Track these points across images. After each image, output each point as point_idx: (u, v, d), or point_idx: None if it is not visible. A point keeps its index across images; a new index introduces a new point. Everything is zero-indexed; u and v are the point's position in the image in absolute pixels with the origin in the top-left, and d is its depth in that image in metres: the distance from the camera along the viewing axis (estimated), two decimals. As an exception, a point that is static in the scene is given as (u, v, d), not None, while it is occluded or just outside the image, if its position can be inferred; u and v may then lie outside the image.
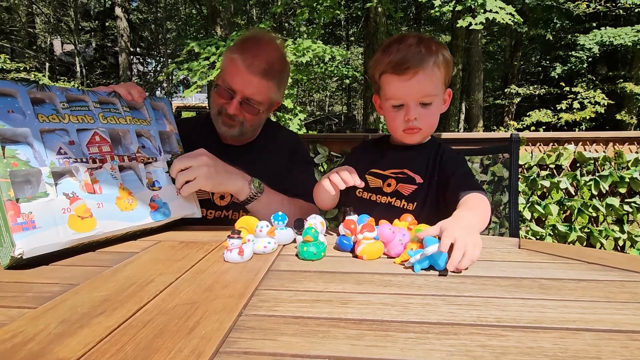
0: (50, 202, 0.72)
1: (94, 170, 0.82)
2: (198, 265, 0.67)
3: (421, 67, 0.97)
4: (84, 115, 0.84)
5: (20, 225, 0.67)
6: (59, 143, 0.78)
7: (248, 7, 14.56)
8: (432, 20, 15.93)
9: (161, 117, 1.04)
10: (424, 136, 1.07)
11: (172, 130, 1.05)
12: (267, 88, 1.15)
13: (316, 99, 19.19)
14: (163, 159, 0.97)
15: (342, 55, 5.62)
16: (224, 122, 1.16)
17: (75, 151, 0.80)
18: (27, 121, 0.74)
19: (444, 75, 1.01)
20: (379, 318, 0.47)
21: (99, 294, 0.54)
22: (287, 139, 1.36)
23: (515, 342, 0.41)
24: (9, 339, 0.42)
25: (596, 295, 0.53)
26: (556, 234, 2.46)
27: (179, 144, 1.05)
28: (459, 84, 9.58)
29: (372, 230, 0.70)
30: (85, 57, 15.48)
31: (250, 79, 1.11)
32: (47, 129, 0.77)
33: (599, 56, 10.45)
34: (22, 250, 0.66)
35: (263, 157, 1.27)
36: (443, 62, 0.99)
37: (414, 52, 0.97)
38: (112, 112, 0.90)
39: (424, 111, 1.00)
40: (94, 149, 0.83)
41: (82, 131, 0.83)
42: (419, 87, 0.98)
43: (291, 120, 5.26)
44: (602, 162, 2.40)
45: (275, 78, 1.16)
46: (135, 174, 0.91)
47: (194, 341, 0.41)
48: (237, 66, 1.11)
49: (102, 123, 0.87)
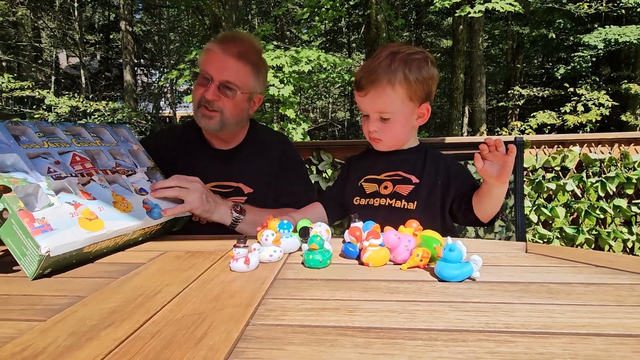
0: (57, 209, 0.75)
1: (84, 184, 0.86)
2: (204, 275, 0.67)
3: (372, 87, 1.02)
4: (59, 142, 0.90)
5: (39, 229, 0.69)
6: (46, 164, 0.83)
7: (250, 16, 14.71)
8: (432, 25, 16.01)
9: (125, 140, 1.09)
10: (389, 146, 1.11)
11: (138, 149, 1.10)
12: (245, 72, 1.17)
13: (319, 106, 19.26)
14: (141, 170, 1.03)
15: (341, 63, 5.66)
16: (204, 114, 1.17)
17: (64, 169, 0.84)
18: (13, 148, 0.78)
19: (406, 93, 1.02)
20: (386, 326, 0.47)
21: (107, 305, 0.55)
22: (275, 141, 1.35)
23: (524, 348, 0.41)
24: (19, 352, 0.43)
25: (605, 299, 0.53)
26: (564, 236, 2.44)
27: (149, 158, 1.10)
28: (461, 88, 9.57)
29: (378, 237, 0.70)
30: (90, 70, 15.68)
31: (225, 60, 1.14)
32: (33, 154, 0.81)
33: (603, 56, 10.41)
34: (48, 248, 0.67)
35: (251, 161, 1.28)
36: (403, 80, 1.01)
37: (373, 69, 1.02)
38: (82, 139, 0.97)
39: (383, 125, 1.06)
40: (78, 167, 0.88)
41: (62, 154, 0.88)
42: (372, 103, 1.04)
43: (295, 129, 5.28)
44: (608, 163, 2.39)
45: (251, 64, 1.18)
46: (121, 185, 0.96)
47: (202, 352, 0.41)
48: (212, 53, 1.16)
49: (77, 146, 0.93)
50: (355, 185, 1.16)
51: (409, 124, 1.07)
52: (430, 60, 1.05)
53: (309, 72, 5.37)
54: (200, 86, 1.17)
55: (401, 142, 1.11)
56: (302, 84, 5.72)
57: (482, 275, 0.63)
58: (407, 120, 1.06)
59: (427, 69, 1.03)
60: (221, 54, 1.15)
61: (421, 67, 1.02)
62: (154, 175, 1.08)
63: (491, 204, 1.00)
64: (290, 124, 5.34)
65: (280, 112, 5.21)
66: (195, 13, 10.43)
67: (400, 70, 1.00)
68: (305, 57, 5.03)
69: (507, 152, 0.88)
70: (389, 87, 1.00)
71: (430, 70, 1.04)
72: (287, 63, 4.84)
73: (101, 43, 17.08)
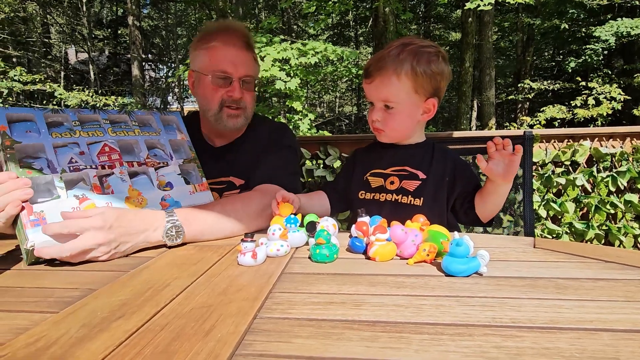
0: (60, 203, 0.79)
1: (104, 176, 0.88)
2: (212, 269, 0.68)
3: (379, 74, 1.03)
4: (95, 131, 0.93)
5: (33, 222, 0.74)
6: (70, 154, 0.86)
7: (257, 10, 14.67)
8: (441, 18, 15.81)
9: (172, 128, 1.08)
10: (390, 138, 1.11)
11: (183, 139, 1.09)
12: (252, 60, 1.16)
13: (326, 100, 19.20)
14: (175, 162, 1.02)
15: (349, 55, 5.62)
16: (230, 114, 1.14)
17: (85, 160, 0.87)
18: (42, 138, 0.83)
19: (411, 84, 1.01)
20: (392, 320, 0.47)
21: (117, 298, 0.56)
22: (266, 127, 1.28)
23: (531, 343, 0.41)
24: (33, 342, 0.44)
25: (614, 295, 0.53)
26: (573, 231, 2.42)
27: (191, 149, 1.08)
28: (470, 81, 9.46)
29: (385, 231, 0.70)
30: (98, 65, 15.79)
31: (238, 55, 1.12)
32: (60, 144, 0.85)
33: (615, 49, 10.21)
34: (33, 243, 0.72)
35: (242, 153, 1.23)
36: (410, 71, 1.00)
37: (381, 57, 1.03)
38: (121, 128, 0.97)
39: (386, 114, 1.05)
40: (104, 158, 0.90)
41: (93, 144, 0.91)
42: (377, 91, 1.04)
43: (301, 120, 5.27)
44: (620, 157, 2.35)
45: (252, 50, 1.17)
46: (147, 177, 0.96)
47: (210, 344, 0.42)
48: (220, 49, 1.11)
49: (111, 136, 0.94)
50: (361, 178, 1.15)
51: (413, 117, 1.06)
52: (442, 56, 1.03)
53: (315, 65, 5.35)
54: (219, 87, 1.12)
55: (404, 134, 1.10)
56: (308, 78, 5.70)
57: (489, 270, 0.63)
58: (411, 112, 1.05)
59: (437, 64, 1.01)
60: (232, 49, 1.11)
61: (431, 61, 1.00)
62: (189, 167, 1.04)
63: (494, 203, 1.00)
64: (297, 116, 5.33)
65: (287, 104, 5.20)
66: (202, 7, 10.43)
67: (408, 61, 0.99)
68: (312, 49, 5.00)
69: (514, 151, 0.88)
70: (394, 76, 1.00)
71: (440, 66, 1.02)
72: (293, 55, 4.81)
73: (109, 38, 17.19)
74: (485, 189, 1.00)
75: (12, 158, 0.77)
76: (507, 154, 0.89)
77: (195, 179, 1.03)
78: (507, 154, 0.89)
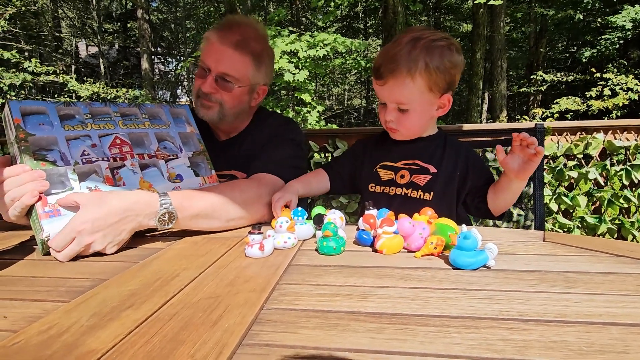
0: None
1: (115, 168, 0.89)
2: (220, 260, 0.69)
3: (392, 77, 0.98)
4: (106, 124, 0.94)
5: (48, 213, 0.75)
6: (82, 147, 0.87)
7: (265, 2, 14.59)
8: (452, 9, 15.56)
9: (182, 121, 1.09)
10: (405, 136, 1.09)
11: (192, 131, 1.09)
12: (242, 63, 1.11)
13: (335, 93, 19.11)
14: (184, 155, 1.03)
15: (358, 47, 5.56)
16: (202, 104, 1.14)
17: (97, 152, 0.88)
18: (55, 130, 0.85)
19: (426, 83, 0.97)
20: (398, 312, 0.47)
21: (127, 288, 0.57)
22: (274, 122, 1.27)
23: (538, 336, 0.41)
24: (46, 330, 0.45)
25: (624, 289, 0.52)
26: (585, 226, 2.38)
27: (200, 142, 1.09)
28: (481, 73, 9.32)
29: (392, 224, 0.70)
30: (108, 59, 15.92)
31: (222, 51, 1.09)
32: (72, 136, 0.87)
33: (632, 38, 9.94)
34: (49, 234, 0.73)
35: (245, 146, 1.23)
36: (424, 70, 0.95)
37: (392, 57, 0.97)
38: (132, 120, 0.98)
39: (400, 115, 1.02)
40: (115, 150, 0.91)
41: (105, 136, 0.92)
42: (390, 94, 1.01)
43: (309, 113, 5.27)
44: (634, 150, 2.30)
45: (251, 54, 1.12)
46: (157, 170, 0.96)
47: (217, 334, 0.43)
48: (211, 42, 1.11)
49: (122, 128, 0.95)
50: (371, 171, 1.14)
51: (427, 115, 1.04)
52: (455, 47, 0.99)
53: (324, 58, 5.32)
54: (199, 77, 1.14)
55: (419, 132, 1.09)
56: (317, 71, 5.67)
57: (497, 264, 0.62)
58: (426, 111, 1.03)
59: (451, 56, 0.97)
60: (218, 44, 1.09)
61: (444, 55, 0.96)
62: (199, 159, 1.05)
63: (507, 199, 0.98)
64: (305, 108, 5.32)
65: (296, 96, 5.19)
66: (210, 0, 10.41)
67: (421, 58, 0.95)
68: (321, 40, 4.97)
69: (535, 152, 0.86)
70: (408, 77, 0.96)
71: (454, 58, 0.98)
72: (301, 48, 4.79)
73: (119, 32, 17.29)
74: (498, 184, 0.98)
75: (26, 150, 0.79)
76: (528, 153, 0.88)
77: (204, 171, 1.04)
78: (528, 153, 0.88)
